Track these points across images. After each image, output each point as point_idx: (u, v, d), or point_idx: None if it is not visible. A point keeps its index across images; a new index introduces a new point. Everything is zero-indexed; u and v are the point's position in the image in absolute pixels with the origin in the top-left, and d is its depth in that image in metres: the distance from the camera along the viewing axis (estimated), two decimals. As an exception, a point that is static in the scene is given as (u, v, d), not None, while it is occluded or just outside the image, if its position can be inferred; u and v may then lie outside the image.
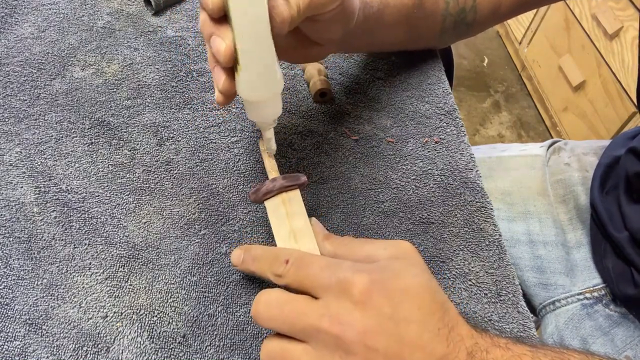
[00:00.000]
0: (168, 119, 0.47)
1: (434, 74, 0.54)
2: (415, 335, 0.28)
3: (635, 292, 0.52)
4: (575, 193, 0.61)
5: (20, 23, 0.52)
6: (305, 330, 0.29)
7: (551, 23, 1.60)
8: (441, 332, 0.29)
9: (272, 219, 0.36)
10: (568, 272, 0.59)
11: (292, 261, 0.32)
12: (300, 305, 0.30)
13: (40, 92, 0.47)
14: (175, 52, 0.52)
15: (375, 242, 0.34)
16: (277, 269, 0.32)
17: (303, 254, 0.33)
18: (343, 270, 0.30)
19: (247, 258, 0.35)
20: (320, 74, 0.50)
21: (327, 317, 0.29)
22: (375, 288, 0.29)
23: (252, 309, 0.32)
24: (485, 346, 0.29)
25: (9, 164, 0.43)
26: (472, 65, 1.92)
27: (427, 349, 0.28)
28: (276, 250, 0.34)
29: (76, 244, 0.39)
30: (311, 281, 0.31)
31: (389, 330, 0.28)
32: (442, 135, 0.49)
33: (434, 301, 0.30)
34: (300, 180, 0.37)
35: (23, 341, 0.35)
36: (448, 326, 0.29)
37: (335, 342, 0.28)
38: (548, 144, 0.68)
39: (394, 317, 0.28)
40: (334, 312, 0.29)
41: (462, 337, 0.29)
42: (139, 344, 0.36)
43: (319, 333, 0.29)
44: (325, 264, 0.31)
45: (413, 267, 0.31)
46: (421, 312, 0.29)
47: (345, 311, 0.29)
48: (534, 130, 1.73)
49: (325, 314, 0.29)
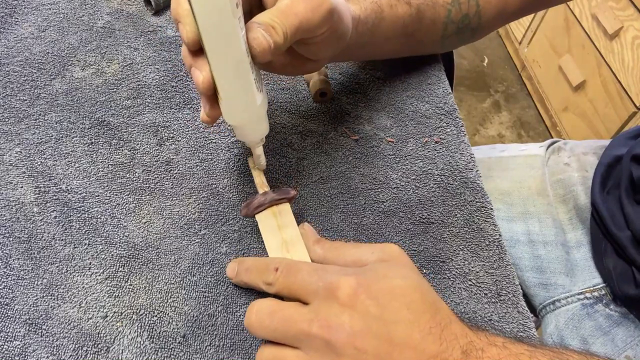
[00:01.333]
0: (168, 119, 0.47)
1: (434, 74, 0.54)
2: (404, 334, 0.28)
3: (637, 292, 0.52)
4: (575, 193, 0.61)
5: (20, 23, 0.52)
6: (296, 336, 0.30)
7: (551, 23, 1.60)
8: (433, 330, 0.29)
9: (263, 231, 0.37)
10: (568, 272, 0.59)
11: (281, 269, 0.33)
12: (290, 312, 0.31)
13: (40, 92, 0.47)
14: (175, 52, 0.52)
15: (363, 246, 0.35)
16: (267, 277, 0.33)
17: (291, 262, 0.34)
18: (330, 274, 0.31)
19: (240, 270, 0.36)
20: (320, 74, 0.50)
21: (316, 322, 0.29)
22: (361, 290, 0.29)
23: (245, 319, 0.32)
24: (480, 345, 0.29)
25: (9, 164, 0.43)
26: (472, 65, 1.92)
27: (419, 348, 0.28)
28: (266, 260, 0.35)
29: (76, 244, 0.39)
30: (300, 287, 0.31)
31: (377, 331, 0.28)
32: (442, 135, 0.49)
33: (424, 301, 0.30)
34: (290, 194, 0.38)
35: (23, 341, 0.35)
36: (440, 325, 0.29)
37: (325, 345, 0.29)
38: (547, 143, 0.68)
39: (382, 317, 0.29)
40: (323, 316, 0.29)
41: (456, 336, 0.29)
42: (139, 344, 0.36)
43: (309, 338, 0.29)
44: (312, 269, 0.32)
45: (401, 269, 0.32)
46: (410, 311, 0.29)
47: (333, 315, 0.29)
48: (534, 130, 1.73)
49: (314, 318, 0.29)
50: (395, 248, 0.34)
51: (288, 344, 0.31)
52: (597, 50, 1.38)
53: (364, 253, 0.34)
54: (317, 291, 0.30)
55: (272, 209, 0.38)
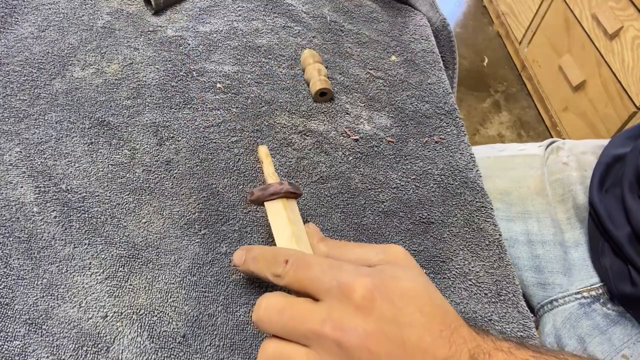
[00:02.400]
0: (168, 118, 0.47)
1: (434, 74, 0.54)
2: (417, 338, 0.28)
3: (633, 291, 0.52)
4: (573, 192, 0.61)
5: (20, 23, 0.52)
6: (307, 335, 0.29)
7: (551, 23, 1.60)
8: (443, 334, 0.29)
9: (273, 220, 0.36)
10: (566, 271, 0.59)
11: (292, 261, 0.32)
12: (301, 310, 0.30)
13: (40, 92, 0.47)
14: (175, 52, 0.52)
15: (367, 246, 0.35)
16: (276, 269, 0.32)
17: (303, 255, 0.33)
18: (344, 273, 0.30)
19: (247, 258, 0.35)
20: (320, 74, 0.50)
21: (328, 323, 0.28)
22: (377, 292, 0.29)
23: (253, 314, 0.31)
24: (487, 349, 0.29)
25: (9, 164, 0.43)
26: (472, 65, 1.92)
27: (429, 352, 0.28)
28: (276, 250, 0.34)
29: (76, 244, 0.39)
30: (311, 283, 0.31)
31: (391, 335, 0.28)
32: (442, 135, 0.49)
33: (433, 304, 0.30)
34: (300, 190, 0.38)
35: (23, 341, 0.35)
36: (450, 328, 0.29)
37: (337, 347, 0.28)
38: (546, 143, 0.68)
39: (396, 321, 0.28)
40: (336, 318, 0.29)
41: (465, 339, 0.29)
42: (139, 344, 0.36)
43: (320, 338, 0.29)
44: (326, 266, 0.31)
45: (408, 271, 0.31)
46: (423, 315, 0.29)
47: (347, 316, 0.28)
48: (534, 130, 1.73)
49: (327, 319, 0.29)
50: (400, 249, 0.34)
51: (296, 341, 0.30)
52: (597, 50, 1.38)
53: (368, 253, 0.34)
54: (330, 290, 0.30)
55: (282, 200, 0.37)
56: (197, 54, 0.52)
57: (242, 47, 0.54)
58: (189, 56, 0.52)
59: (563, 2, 1.52)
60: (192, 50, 0.52)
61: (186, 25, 0.54)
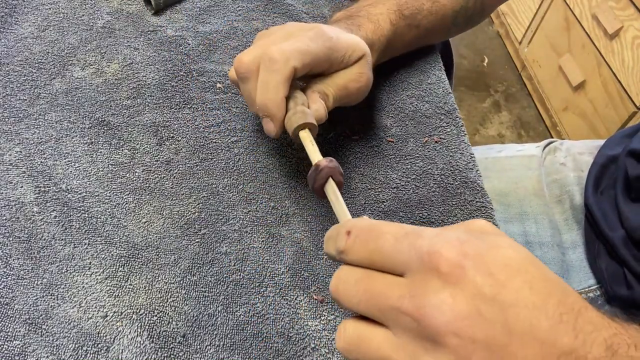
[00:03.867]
0: (168, 118, 0.47)
1: (434, 74, 0.54)
2: (527, 322, 0.22)
3: (628, 293, 0.52)
4: (570, 193, 0.61)
5: (20, 23, 0.52)
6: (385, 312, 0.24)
7: (551, 23, 1.60)
8: (564, 318, 0.22)
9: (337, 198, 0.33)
10: (563, 273, 0.59)
11: (357, 233, 0.26)
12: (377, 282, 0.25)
13: (40, 92, 0.47)
14: (175, 51, 0.52)
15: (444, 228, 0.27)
16: (340, 243, 0.26)
17: (370, 223, 0.26)
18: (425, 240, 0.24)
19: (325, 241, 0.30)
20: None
21: (407, 298, 0.23)
22: (470, 261, 0.23)
23: (331, 286, 0.26)
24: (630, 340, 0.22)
25: (9, 164, 0.43)
26: (472, 65, 1.92)
27: (547, 341, 0.21)
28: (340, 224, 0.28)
29: (76, 244, 0.39)
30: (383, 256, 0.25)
31: (491, 317, 0.22)
32: (442, 135, 0.49)
33: (546, 279, 0.23)
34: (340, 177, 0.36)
35: (23, 341, 0.35)
36: (574, 310, 0.22)
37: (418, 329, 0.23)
38: (544, 144, 0.68)
39: (496, 299, 0.22)
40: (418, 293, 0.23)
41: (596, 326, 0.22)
42: (138, 344, 0.36)
43: (399, 316, 0.23)
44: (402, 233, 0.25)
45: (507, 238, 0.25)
46: (534, 292, 0.22)
47: (431, 291, 0.23)
48: (534, 130, 1.73)
49: (406, 294, 0.23)
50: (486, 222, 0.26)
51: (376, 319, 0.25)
52: (597, 50, 1.38)
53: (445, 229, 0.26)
54: (408, 262, 0.24)
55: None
56: (197, 54, 0.52)
57: (242, 47, 0.54)
58: (189, 56, 0.52)
59: (563, 2, 1.52)
60: (192, 50, 0.52)
61: (186, 25, 0.54)
